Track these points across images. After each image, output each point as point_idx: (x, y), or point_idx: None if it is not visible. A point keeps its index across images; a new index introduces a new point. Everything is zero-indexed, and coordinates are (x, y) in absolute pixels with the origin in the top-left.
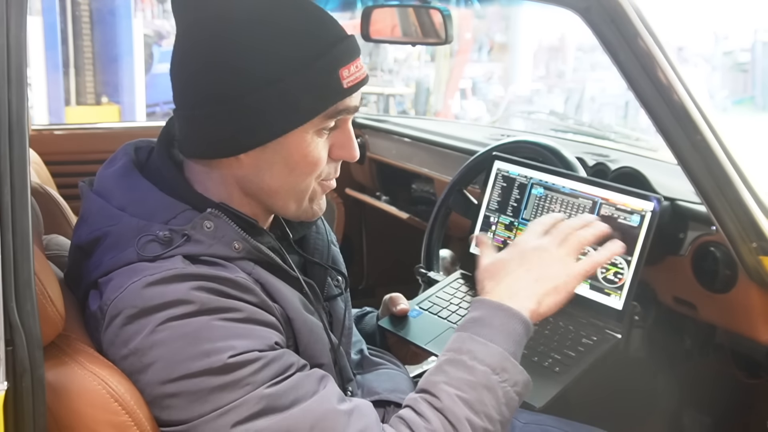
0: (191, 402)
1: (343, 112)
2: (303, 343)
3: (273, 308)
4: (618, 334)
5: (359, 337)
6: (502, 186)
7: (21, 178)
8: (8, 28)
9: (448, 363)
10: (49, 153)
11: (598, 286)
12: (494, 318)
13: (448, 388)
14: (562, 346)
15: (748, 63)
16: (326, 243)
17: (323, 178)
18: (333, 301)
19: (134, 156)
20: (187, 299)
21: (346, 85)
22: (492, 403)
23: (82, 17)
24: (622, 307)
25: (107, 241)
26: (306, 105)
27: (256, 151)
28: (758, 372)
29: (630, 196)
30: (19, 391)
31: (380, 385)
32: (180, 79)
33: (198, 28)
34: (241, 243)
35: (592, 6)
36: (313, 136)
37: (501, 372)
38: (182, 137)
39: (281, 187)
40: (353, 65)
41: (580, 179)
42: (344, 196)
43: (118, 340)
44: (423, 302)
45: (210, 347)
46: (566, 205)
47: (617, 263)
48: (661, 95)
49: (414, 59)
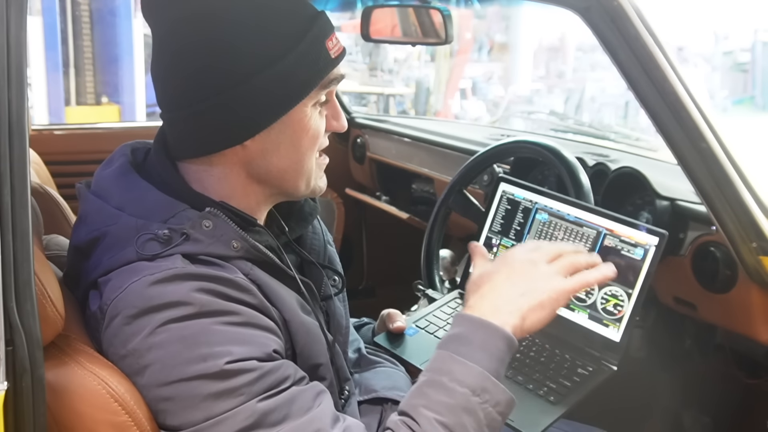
0: (184, 408)
1: (333, 82)
2: (300, 345)
3: (271, 311)
4: (614, 366)
5: (356, 336)
6: (507, 209)
7: (21, 178)
8: (8, 28)
9: (427, 385)
10: (49, 153)
11: (597, 316)
12: (475, 335)
13: (427, 413)
14: (557, 375)
15: (748, 63)
16: (323, 243)
17: (321, 148)
18: (330, 301)
19: (131, 157)
20: (187, 301)
21: (333, 55)
22: (473, 426)
23: (82, 17)
24: (620, 339)
25: (106, 241)
26: (304, 79)
27: (262, 135)
28: (758, 372)
29: (635, 228)
30: (19, 391)
31: (378, 383)
32: (171, 81)
33: (184, 27)
34: (239, 242)
35: (592, 6)
36: (312, 110)
37: (481, 393)
38: (177, 140)
39: (290, 167)
40: (334, 37)
41: (586, 208)
42: (344, 196)
43: (117, 340)
44: (420, 321)
45: (207, 351)
46: (570, 232)
47: (618, 295)
48: (662, 96)
49: (414, 59)
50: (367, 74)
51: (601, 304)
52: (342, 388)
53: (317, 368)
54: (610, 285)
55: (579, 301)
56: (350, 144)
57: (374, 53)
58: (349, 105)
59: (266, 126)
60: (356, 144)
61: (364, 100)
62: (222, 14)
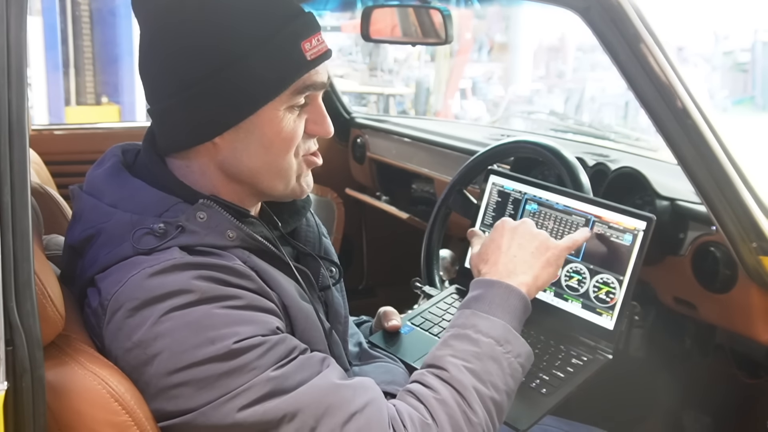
0: (199, 389)
1: (310, 87)
2: (299, 330)
3: (271, 294)
4: (609, 355)
5: (357, 330)
6: (497, 201)
7: (21, 178)
8: (8, 28)
9: (453, 338)
10: (49, 153)
11: (590, 305)
12: (494, 295)
13: (454, 360)
14: (551, 366)
15: (748, 63)
16: (317, 235)
17: (303, 153)
18: (328, 292)
19: (122, 157)
20: (188, 288)
21: (310, 57)
22: (498, 373)
23: (82, 17)
24: (614, 327)
25: (101, 238)
26: (271, 80)
27: (230, 133)
28: (758, 372)
29: (623, 214)
30: (19, 391)
31: (378, 377)
32: (147, 74)
33: (154, 19)
34: (234, 231)
35: (592, 6)
36: (284, 113)
37: (505, 344)
38: (158, 134)
39: (262, 167)
40: (314, 38)
41: (574, 196)
42: (344, 196)
43: (121, 333)
44: (415, 318)
45: (214, 334)
46: (559, 221)
47: (609, 283)
48: (661, 95)
49: (414, 59)
50: (367, 74)
51: (593, 292)
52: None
53: None
54: (601, 273)
55: (572, 290)
56: (350, 144)
57: (374, 53)
58: (349, 105)
59: (232, 125)
60: (356, 144)
61: (364, 100)
62: (191, 10)
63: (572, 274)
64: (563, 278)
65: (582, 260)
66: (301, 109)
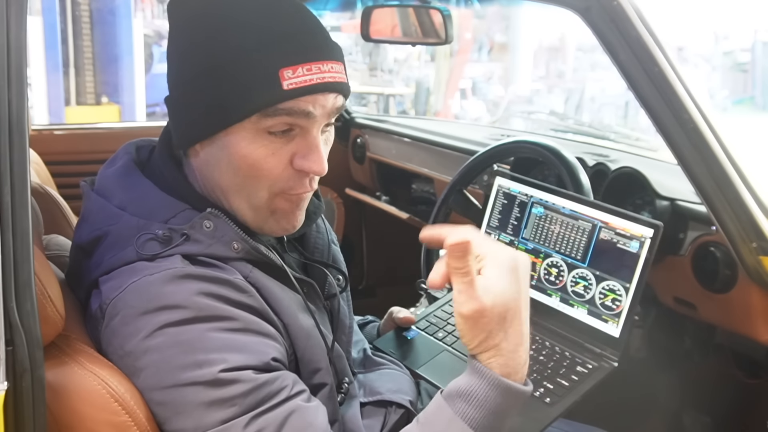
0: (176, 414)
1: (285, 116)
2: (300, 349)
3: (270, 314)
4: (614, 362)
5: (361, 337)
6: (503, 203)
7: (21, 178)
8: (8, 28)
9: None
10: (49, 153)
11: (596, 312)
12: (490, 400)
13: None
14: (555, 374)
15: (748, 63)
16: (326, 242)
17: (284, 189)
18: (333, 300)
19: (135, 155)
20: (185, 304)
21: (287, 87)
22: None
23: (82, 17)
24: (620, 334)
25: (107, 240)
26: (236, 100)
27: (205, 145)
28: (758, 372)
29: (630, 221)
30: (19, 391)
31: (383, 385)
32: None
33: (169, 14)
34: (240, 243)
35: (592, 6)
36: (254, 136)
37: None
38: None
39: (230, 188)
40: (302, 67)
41: (581, 201)
42: (344, 196)
43: (116, 340)
44: (420, 321)
45: (203, 358)
46: (565, 226)
47: (616, 290)
48: (662, 96)
49: (414, 59)
50: (367, 74)
51: (599, 299)
52: (341, 381)
53: (317, 372)
54: (607, 279)
55: (578, 296)
56: (350, 144)
57: (374, 53)
58: (349, 105)
59: (202, 138)
60: (356, 144)
61: (364, 100)
62: (200, 6)
63: (578, 280)
64: (569, 284)
65: (588, 266)
66: (286, 138)
